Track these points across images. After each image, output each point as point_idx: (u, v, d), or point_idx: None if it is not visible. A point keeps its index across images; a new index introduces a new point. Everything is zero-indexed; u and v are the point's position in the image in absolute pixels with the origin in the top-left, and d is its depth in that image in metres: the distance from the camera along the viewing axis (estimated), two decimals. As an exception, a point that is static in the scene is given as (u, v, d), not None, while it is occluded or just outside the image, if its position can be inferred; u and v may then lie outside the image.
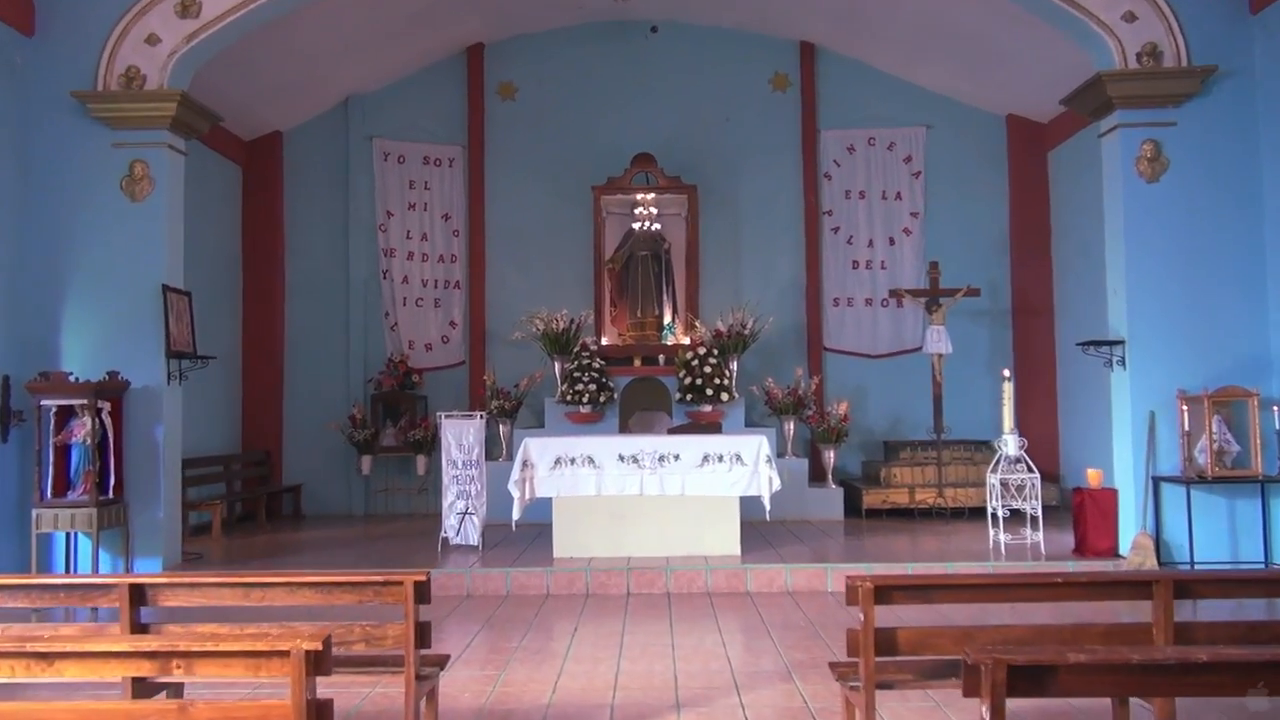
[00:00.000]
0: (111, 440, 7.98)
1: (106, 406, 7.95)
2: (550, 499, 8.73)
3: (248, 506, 11.88)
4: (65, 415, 7.89)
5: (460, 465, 9.32)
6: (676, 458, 8.65)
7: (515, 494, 8.62)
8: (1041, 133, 12.50)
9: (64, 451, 7.92)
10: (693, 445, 8.69)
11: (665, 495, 8.62)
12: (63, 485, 7.90)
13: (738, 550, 8.61)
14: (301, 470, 12.68)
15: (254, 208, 12.77)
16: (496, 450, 11.75)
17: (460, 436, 9.33)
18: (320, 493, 12.65)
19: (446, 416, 9.44)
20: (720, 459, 8.65)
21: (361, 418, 12.19)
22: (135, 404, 8.29)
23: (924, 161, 12.79)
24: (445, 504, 9.34)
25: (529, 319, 11.66)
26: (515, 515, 8.69)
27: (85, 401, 7.79)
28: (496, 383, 11.72)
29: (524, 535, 9.73)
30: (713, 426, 9.14)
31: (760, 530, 9.89)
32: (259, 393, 12.64)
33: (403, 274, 12.78)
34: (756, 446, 8.68)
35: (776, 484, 8.62)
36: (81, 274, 8.35)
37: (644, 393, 11.74)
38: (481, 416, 9.40)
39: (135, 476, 8.27)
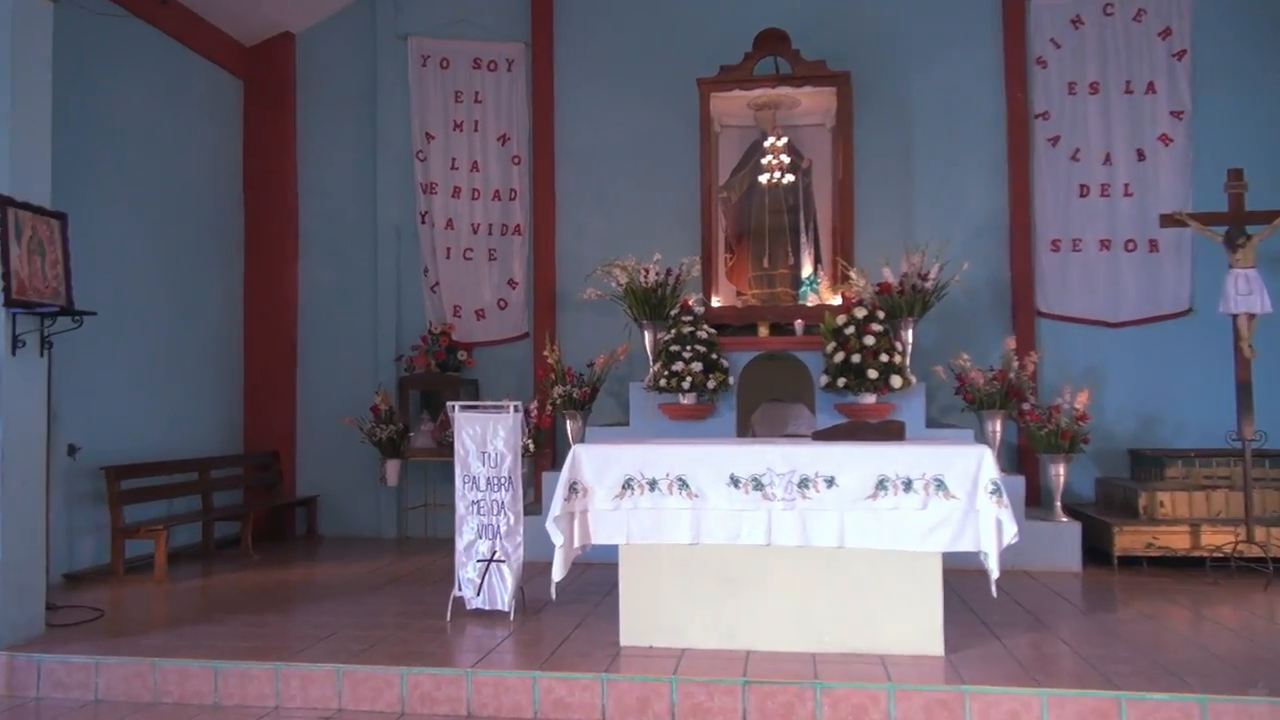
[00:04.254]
0: (-94, 443, 4.94)
1: (-102, 389, 4.91)
2: (615, 546, 5.25)
3: (260, 524, 8.84)
4: None
5: (483, 485, 5.94)
6: (830, 482, 5.00)
7: (556, 538, 5.15)
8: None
9: None
10: (858, 462, 5.02)
11: (811, 547, 5.01)
12: None
13: (939, 647, 4.91)
14: (319, 477, 9.62)
15: (258, 134, 9.75)
16: (559, 462, 8.39)
17: (484, 440, 5.94)
18: (343, 507, 9.56)
19: (461, 409, 6.06)
20: (908, 486, 4.95)
21: (386, 409, 8.99)
22: (-40, 385, 5.24)
23: (1190, 36, 8.64)
24: (460, 544, 5.97)
25: (606, 268, 8.17)
26: (556, 574, 5.22)
27: None
28: (562, 360, 8.29)
29: (583, 592, 6.27)
30: (890, 429, 5.49)
31: (960, 594, 6.13)
32: (265, 376, 9.62)
33: (446, 217, 9.52)
34: (974, 466, 4.94)
35: (1011, 532, 4.85)
36: (-112, 182, 5.35)
37: (773, 375, 8.08)
38: (516, 408, 5.98)
39: (-39, 500, 5.22)
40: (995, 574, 4.90)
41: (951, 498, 4.90)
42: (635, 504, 5.16)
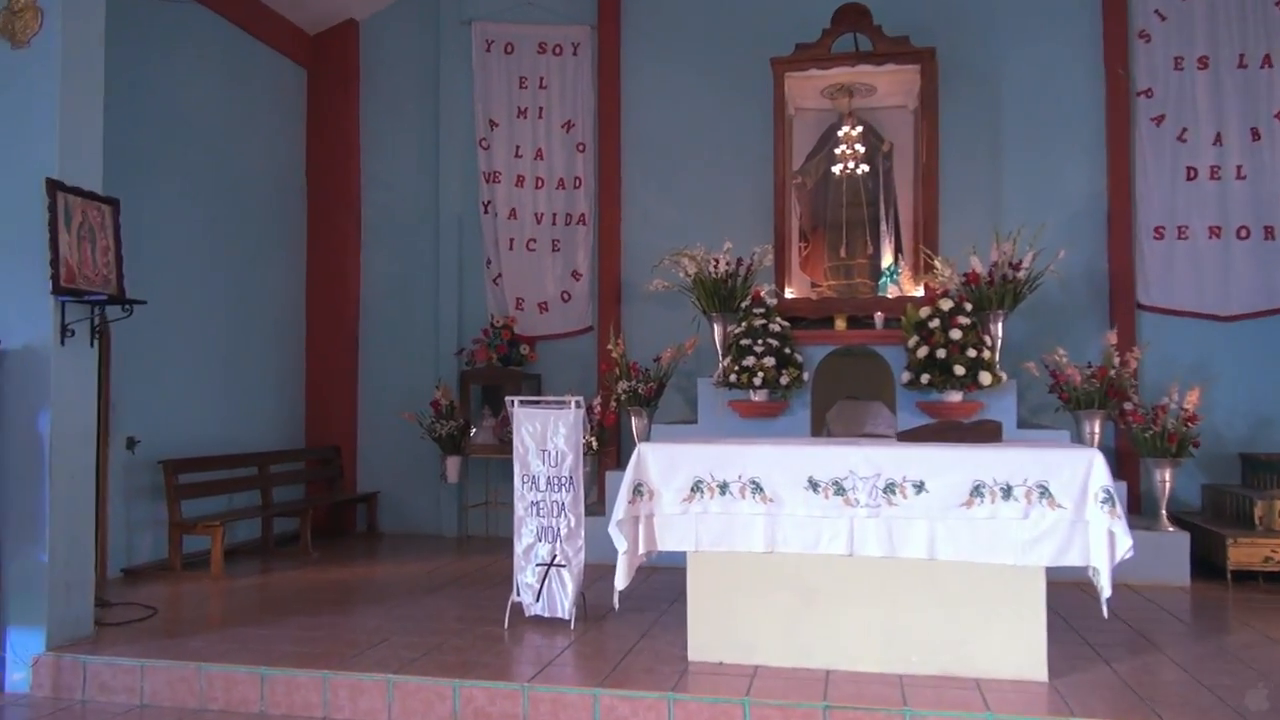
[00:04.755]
0: (-46, 435, 4.80)
1: (-55, 379, 4.78)
2: (683, 554, 4.87)
3: (317, 520, 8.71)
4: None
5: (543, 485, 5.61)
6: (919, 487, 4.55)
7: (619, 544, 4.79)
8: None
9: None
10: (951, 465, 4.56)
11: (898, 558, 4.56)
12: (-111, 506, 4.79)
13: (1042, 671, 4.43)
14: (380, 473, 9.44)
15: (321, 123, 9.61)
16: (624, 461, 8.05)
17: (544, 438, 5.61)
18: (403, 504, 9.36)
19: (520, 404, 5.74)
20: (1007, 493, 4.47)
21: (447, 404, 8.74)
22: (10, 376, 5.09)
23: (1313, 3, 7.92)
24: (518, 547, 5.65)
25: (674, 258, 7.78)
26: (620, 583, 4.86)
27: (-105, 369, 4.64)
28: (627, 354, 7.93)
29: (647, 599, 5.91)
30: (985, 429, 5.01)
31: (1055, 609, 5.61)
32: (327, 368, 9.47)
33: (509, 206, 9.24)
34: (1083, 471, 4.44)
35: (1126, 546, 4.34)
36: (-59, 168, 5.24)
37: (850, 371, 7.64)
38: (577, 404, 5.64)
39: (12, 494, 5.07)
40: (1107, 592, 4.39)
41: (1057, 507, 4.41)
42: (705, 508, 4.77)
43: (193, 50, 8.00)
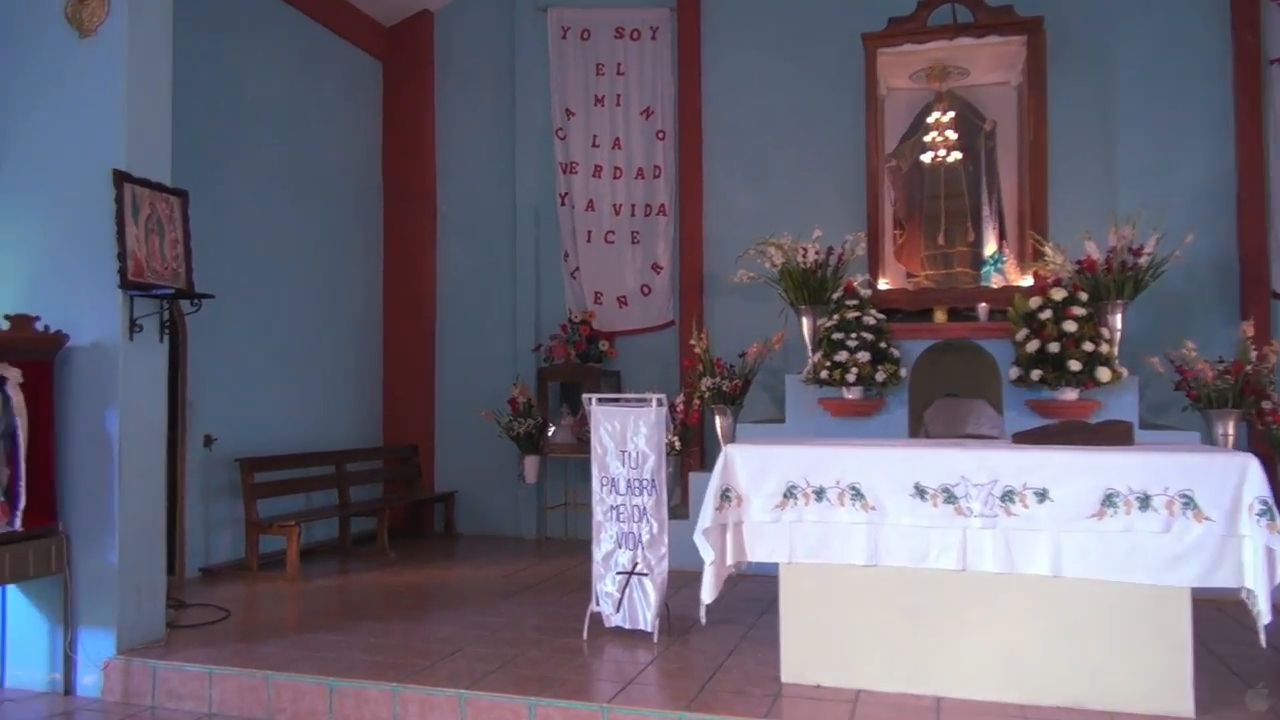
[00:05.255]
0: (23, 432, 4.67)
1: (14, 376, 4.66)
2: (776, 565, 4.47)
3: (395, 519, 8.57)
4: (-35, 390, 4.69)
5: (623, 488, 5.28)
6: (1041, 496, 4.07)
7: (706, 554, 4.42)
8: None
9: (-26, 450, 4.72)
10: (1079, 471, 4.06)
11: (1017, 574, 4.09)
12: (-36, 506, 4.71)
13: (1188, 706, 3.91)
14: (457, 472, 9.25)
15: (396, 116, 9.46)
16: (708, 462, 7.70)
17: (624, 438, 5.28)
18: (481, 504, 9.15)
19: (598, 402, 5.41)
20: (1144, 503, 3.96)
21: (524, 402, 8.49)
22: (79, 373, 4.97)
23: None
24: (597, 554, 5.33)
25: (760, 248, 7.37)
26: (706, 596, 4.49)
27: (-36, 367, 4.53)
28: (710, 349, 7.55)
29: (735, 610, 5.51)
30: (1115, 431, 4.47)
31: (1197, 635, 5.02)
32: (404, 365, 9.32)
33: (587, 198, 8.95)
34: (1234, 479, 3.91)
35: (1288, 566, 3.80)
36: (16, 157, 5.14)
37: (952, 367, 7.12)
38: (659, 402, 5.28)
39: (81, 493, 4.95)
40: (1266, 619, 3.85)
41: (1204, 519, 3.89)
42: (799, 516, 4.37)
43: (266, 42, 7.90)
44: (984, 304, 6.95)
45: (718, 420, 7.43)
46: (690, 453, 7.84)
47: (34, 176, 5.08)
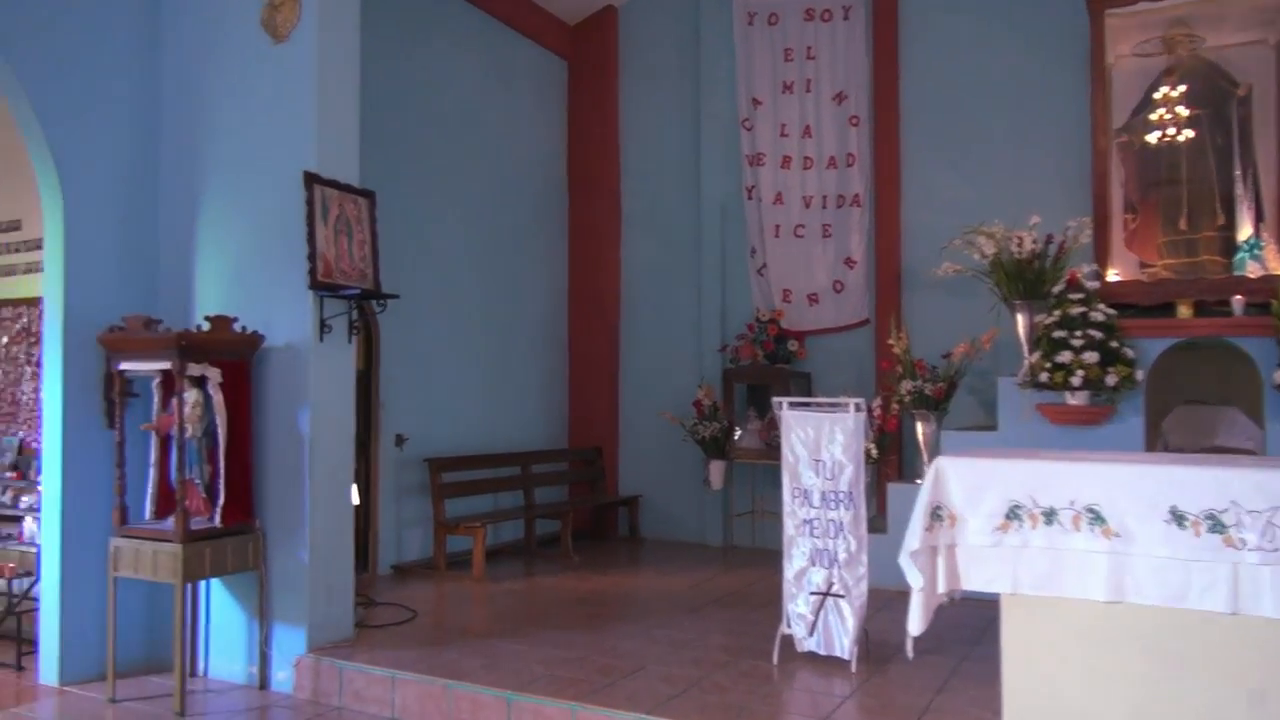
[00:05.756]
0: (223, 430, 4.78)
1: (215, 375, 4.77)
2: (997, 595, 3.92)
3: (579, 522, 8.49)
4: (172, 389, 4.86)
5: (817, 500, 4.84)
6: (1340, 527, 3.32)
7: (914, 579, 3.92)
8: None
9: (182, 449, 4.88)
10: (1392, 497, 3.29)
11: (1307, 622, 3.37)
12: (170, 500, 4.88)
13: None
14: (642, 476, 9.05)
15: (581, 114, 9.39)
16: (907, 471, 7.13)
17: (818, 446, 4.84)
18: (665, 509, 8.91)
19: (790, 406, 4.99)
20: None
21: (710, 405, 8.17)
22: (274, 373, 5.05)
23: None
24: (788, 571, 4.91)
25: (968, 237, 6.71)
26: (914, 627, 3.98)
27: (168, 366, 4.67)
28: (911, 350, 6.96)
29: (943, 637, 4.95)
30: None
31: None
32: (588, 366, 9.23)
33: (775, 190, 8.52)
34: None
35: None
36: (214, 160, 5.31)
37: (1196, 370, 6.21)
38: (858, 407, 4.81)
39: (275, 491, 5.04)
40: None
41: None
42: (1024, 540, 3.79)
43: (453, 45, 7.97)
44: (1239, 296, 6.02)
45: (919, 427, 6.83)
46: (887, 462, 7.27)
47: (232, 180, 5.23)
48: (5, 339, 6.43)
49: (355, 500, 5.54)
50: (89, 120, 5.13)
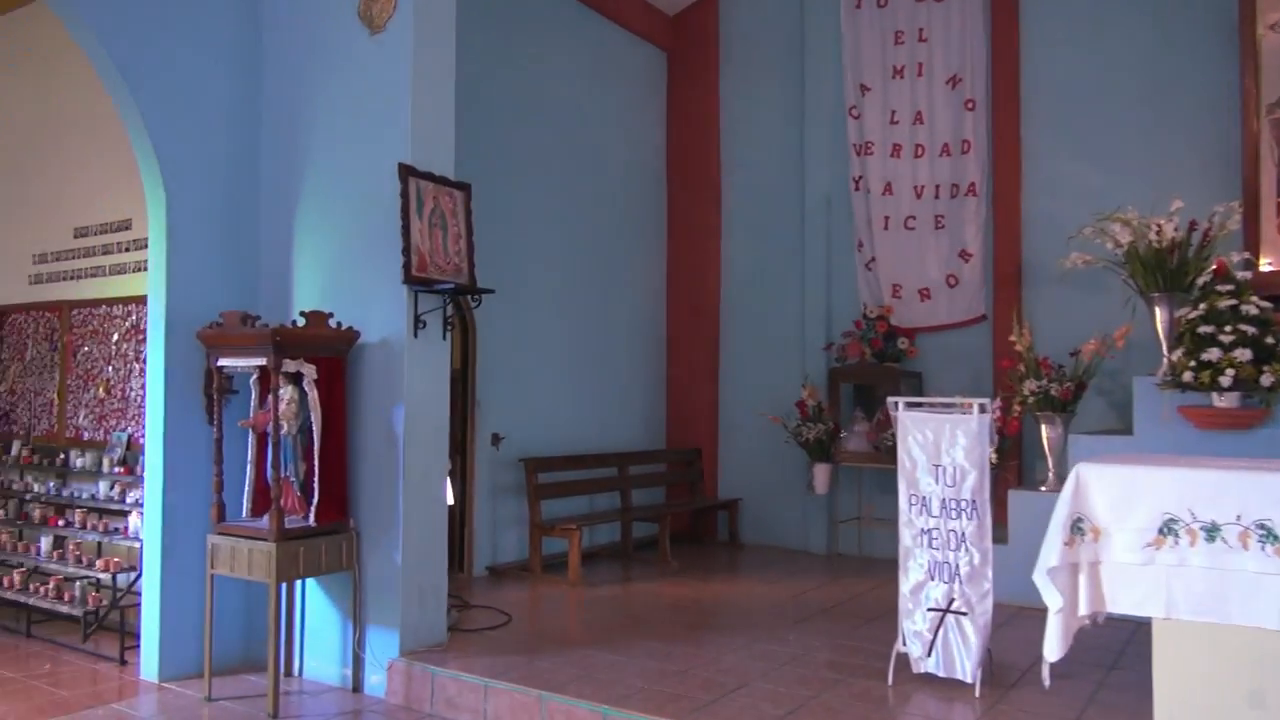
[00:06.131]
0: (318, 428, 4.70)
1: (310, 372, 4.69)
2: (1149, 620, 3.49)
3: (677, 525, 8.26)
4: (269, 386, 4.81)
5: (936, 509, 4.47)
6: None
7: (1051, 600, 3.52)
8: None
9: (277, 445, 4.83)
10: None
11: None
12: (267, 498, 4.83)
13: None
14: (742, 478, 8.75)
15: (681, 106, 9.15)
16: (1028, 477, 6.66)
17: (938, 450, 4.47)
18: (767, 514, 8.58)
19: (907, 407, 4.63)
20: None
21: (814, 405, 7.81)
22: (369, 370, 4.95)
23: None
24: (904, 585, 4.55)
25: (1099, 224, 6.19)
26: (1051, 652, 3.58)
27: (264, 362, 4.60)
28: (1034, 349, 6.47)
29: (1077, 658, 4.50)
30: None
31: None
32: (687, 365, 8.98)
33: (884, 181, 8.11)
34: None
35: None
36: (312, 153, 5.25)
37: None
38: (982, 408, 4.42)
39: (369, 490, 4.94)
40: None
41: None
42: (1181, 558, 3.37)
43: (548, 35, 7.82)
44: None
45: (1044, 430, 6.35)
46: (1008, 467, 6.80)
47: (329, 172, 5.17)
48: (115, 336, 6.55)
49: (450, 500, 5.41)
50: (190, 114, 5.13)
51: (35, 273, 7.11)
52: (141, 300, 6.35)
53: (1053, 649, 3.56)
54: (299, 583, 5.11)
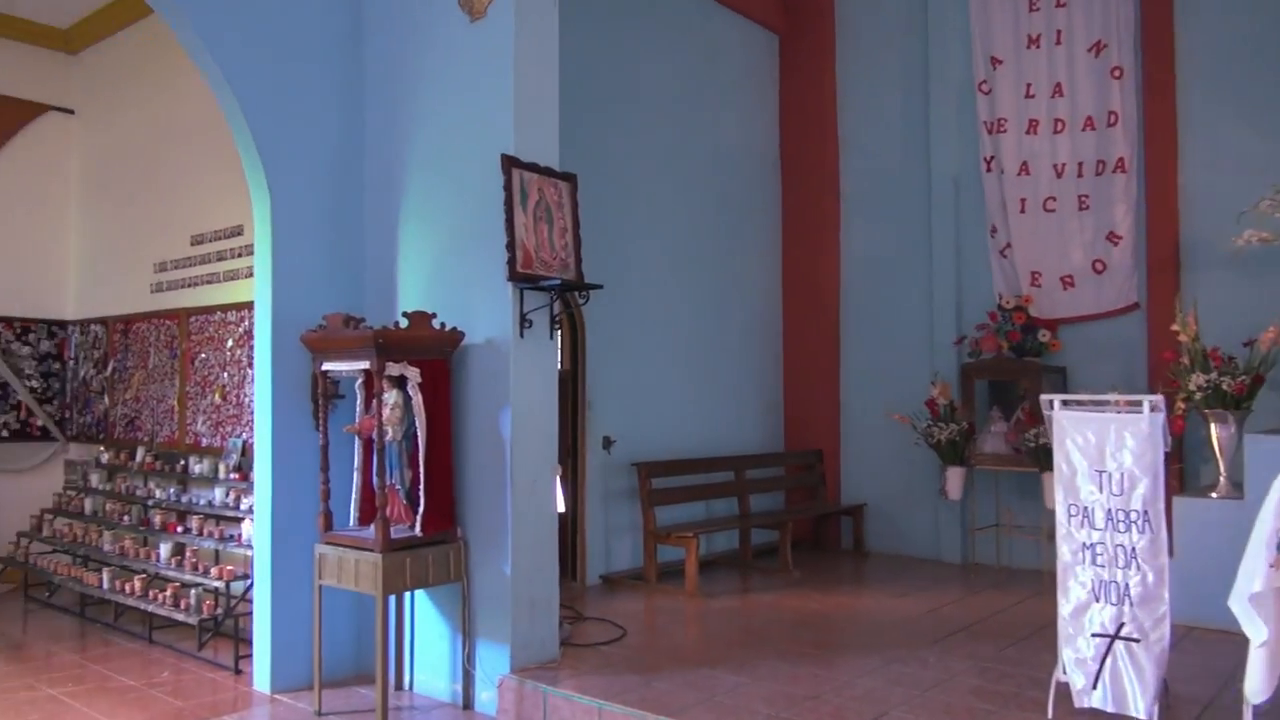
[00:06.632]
0: (423, 433, 4.51)
1: (414, 375, 4.50)
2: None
3: (798, 532, 7.84)
4: (374, 390, 4.65)
5: (1101, 521, 3.96)
6: None
7: (1255, 631, 3.00)
8: None
9: (382, 452, 4.66)
10: None
11: None
12: (373, 506, 4.66)
13: None
14: (867, 482, 8.26)
15: (795, 90, 8.73)
16: (1192, 482, 5.99)
17: (1101, 454, 3.96)
18: (894, 520, 8.08)
19: (1063, 405, 4.12)
20: None
21: (946, 404, 7.27)
22: (474, 372, 4.74)
23: None
24: (1064, 606, 4.04)
25: (1277, 198, 5.49)
26: (1255, 691, 3.06)
27: (367, 365, 4.43)
28: (1200, 339, 5.80)
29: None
30: None
31: None
32: (806, 362, 8.54)
33: (1019, 160, 7.50)
34: None
35: None
36: (414, 147, 5.07)
37: None
38: (1153, 406, 3.89)
39: (476, 498, 4.73)
40: None
41: None
42: None
43: (655, 20, 7.52)
44: None
45: (1214, 429, 5.69)
46: (1170, 471, 6.09)
47: (432, 166, 4.99)
48: (230, 342, 6.56)
49: (561, 507, 5.16)
50: (293, 113, 5.03)
51: (156, 281, 7.22)
52: (252, 305, 6.34)
53: (1256, 689, 3.05)
54: (408, 594, 4.94)
